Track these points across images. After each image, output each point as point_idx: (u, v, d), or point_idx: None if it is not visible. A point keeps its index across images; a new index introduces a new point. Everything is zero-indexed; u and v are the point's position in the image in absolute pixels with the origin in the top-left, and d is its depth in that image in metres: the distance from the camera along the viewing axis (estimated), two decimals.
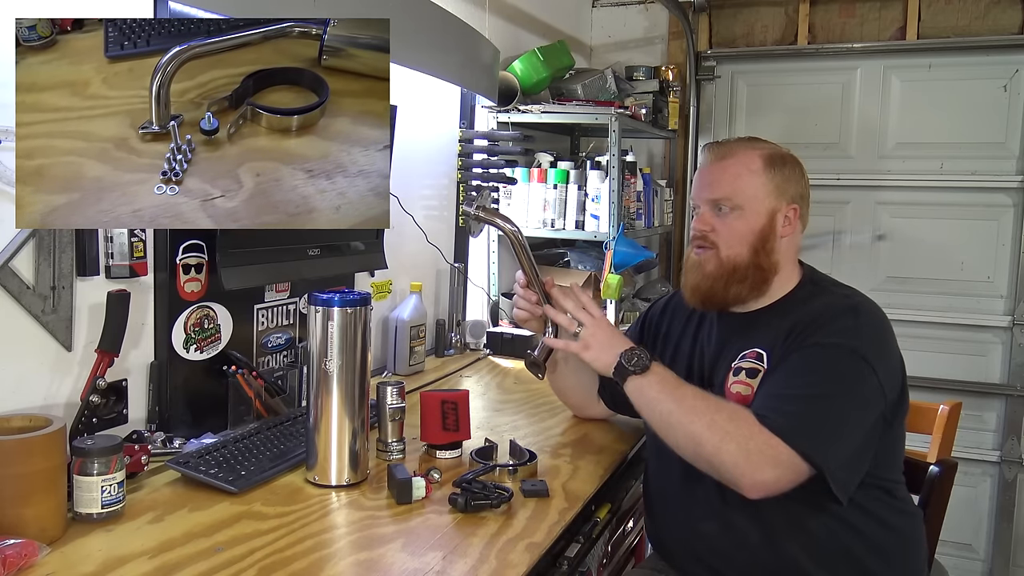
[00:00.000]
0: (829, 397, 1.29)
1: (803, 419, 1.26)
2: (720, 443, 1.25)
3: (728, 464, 1.25)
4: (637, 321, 1.73)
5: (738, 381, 1.40)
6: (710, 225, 1.44)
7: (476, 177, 2.55)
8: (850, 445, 1.28)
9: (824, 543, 1.34)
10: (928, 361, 3.10)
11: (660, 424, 1.34)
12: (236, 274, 1.57)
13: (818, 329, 1.34)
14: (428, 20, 2.07)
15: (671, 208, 3.41)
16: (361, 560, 1.11)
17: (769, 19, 3.33)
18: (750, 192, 1.42)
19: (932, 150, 3.15)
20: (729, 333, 1.47)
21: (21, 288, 1.29)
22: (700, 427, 1.28)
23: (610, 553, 1.61)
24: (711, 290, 1.44)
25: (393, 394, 1.51)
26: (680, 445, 1.32)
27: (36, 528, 1.08)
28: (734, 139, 1.51)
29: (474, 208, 1.53)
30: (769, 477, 1.24)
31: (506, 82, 2.62)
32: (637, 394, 1.37)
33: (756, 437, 1.25)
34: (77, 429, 1.33)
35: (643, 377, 1.37)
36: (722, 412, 1.29)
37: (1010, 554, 3.13)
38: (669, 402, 1.33)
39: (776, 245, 1.43)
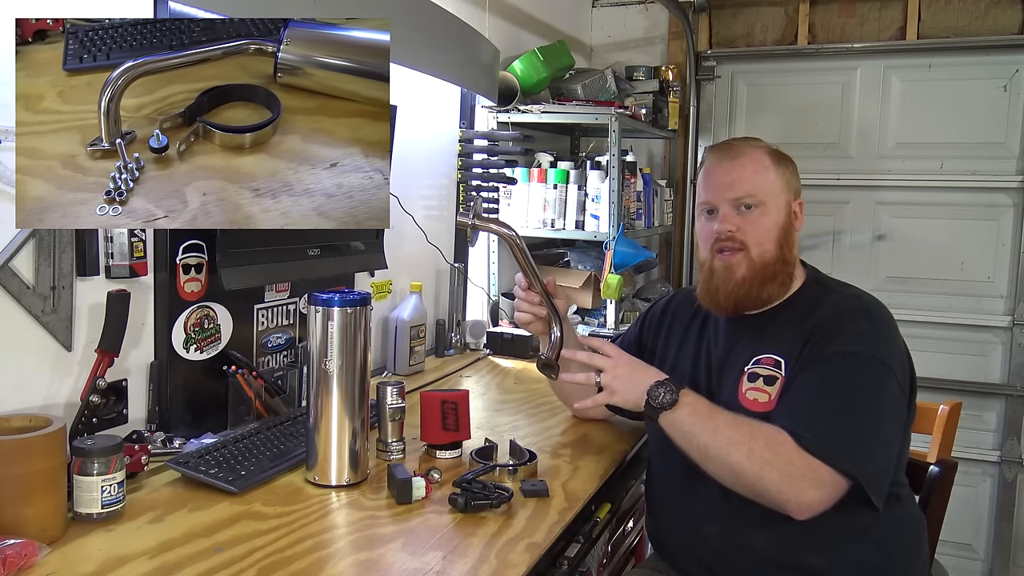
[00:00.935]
0: (859, 410, 1.29)
1: (839, 437, 1.27)
2: (761, 471, 1.25)
3: (772, 491, 1.25)
4: (637, 321, 1.73)
5: (754, 388, 1.39)
6: (735, 224, 1.42)
7: (476, 177, 2.55)
8: (883, 453, 1.30)
9: (827, 545, 1.34)
10: (928, 361, 3.10)
11: (698, 456, 1.32)
12: (236, 274, 1.57)
13: (835, 337, 1.34)
14: (428, 20, 2.07)
15: (671, 208, 3.41)
16: (361, 560, 1.11)
17: (769, 19, 3.33)
18: (769, 188, 1.42)
19: (932, 150, 3.15)
20: (738, 334, 1.46)
21: (21, 288, 1.29)
22: (739, 457, 1.27)
23: (610, 553, 1.61)
24: (747, 295, 1.42)
25: (393, 394, 1.51)
26: (720, 475, 1.31)
27: (36, 528, 1.08)
28: (737, 139, 1.51)
29: (471, 217, 1.54)
30: (814, 498, 1.24)
31: (506, 82, 2.62)
32: (672, 429, 1.34)
33: (796, 462, 1.25)
34: (77, 429, 1.33)
35: (674, 412, 1.33)
36: (758, 439, 1.28)
37: (1010, 554, 3.14)
38: (705, 435, 1.30)
39: (795, 239, 1.45)
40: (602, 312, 2.81)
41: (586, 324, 2.83)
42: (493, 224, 1.59)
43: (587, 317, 2.89)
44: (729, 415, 1.33)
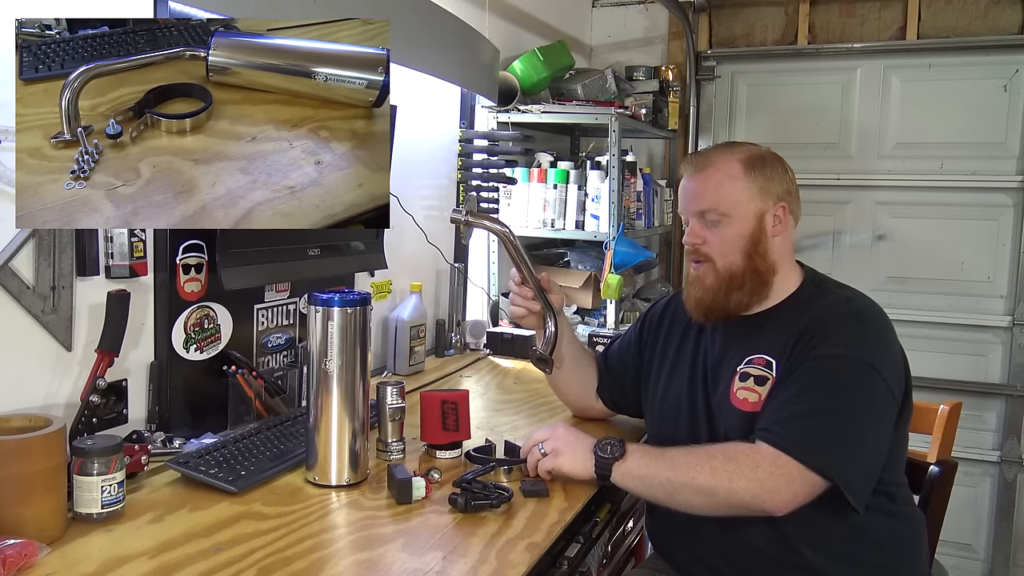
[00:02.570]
0: (836, 410, 1.29)
1: (811, 434, 1.27)
2: (730, 484, 1.25)
3: (747, 499, 1.25)
4: (637, 321, 1.73)
5: (745, 387, 1.39)
6: (701, 238, 1.44)
7: (476, 177, 2.55)
8: (863, 455, 1.29)
9: (827, 545, 1.34)
10: (928, 361, 3.10)
11: (665, 495, 1.31)
12: (236, 274, 1.57)
13: (823, 339, 1.34)
14: (428, 20, 2.07)
15: (671, 208, 3.41)
16: (361, 560, 1.11)
17: (769, 19, 3.33)
18: (734, 198, 1.41)
19: (932, 150, 3.15)
20: (732, 337, 1.47)
21: (21, 288, 1.29)
22: (704, 478, 1.26)
23: (610, 553, 1.61)
24: (713, 302, 1.44)
25: (393, 394, 1.51)
26: (694, 504, 1.29)
27: (36, 528, 1.08)
28: (712, 147, 1.51)
29: (464, 214, 1.54)
30: (787, 495, 1.25)
31: (506, 82, 2.62)
32: (629, 478, 1.33)
33: (761, 464, 1.25)
34: (77, 429, 1.33)
35: (626, 461, 1.33)
36: (715, 456, 1.28)
37: (1010, 554, 3.14)
38: (663, 470, 1.30)
39: (769, 246, 1.43)
40: (602, 312, 2.81)
41: (586, 324, 2.83)
42: (486, 220, 1.59)
43: (587, 317, 2.89)
44: (679, 448, 1.33)
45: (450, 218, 1.60)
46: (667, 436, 1.52)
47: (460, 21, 2.24)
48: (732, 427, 1.39)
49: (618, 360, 1.71)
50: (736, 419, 1.39)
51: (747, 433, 1.34)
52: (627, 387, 1.69)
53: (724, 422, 1.42)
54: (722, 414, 1.42)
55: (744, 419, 1.37)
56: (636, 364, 1.67)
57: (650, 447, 1.37)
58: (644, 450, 1.35)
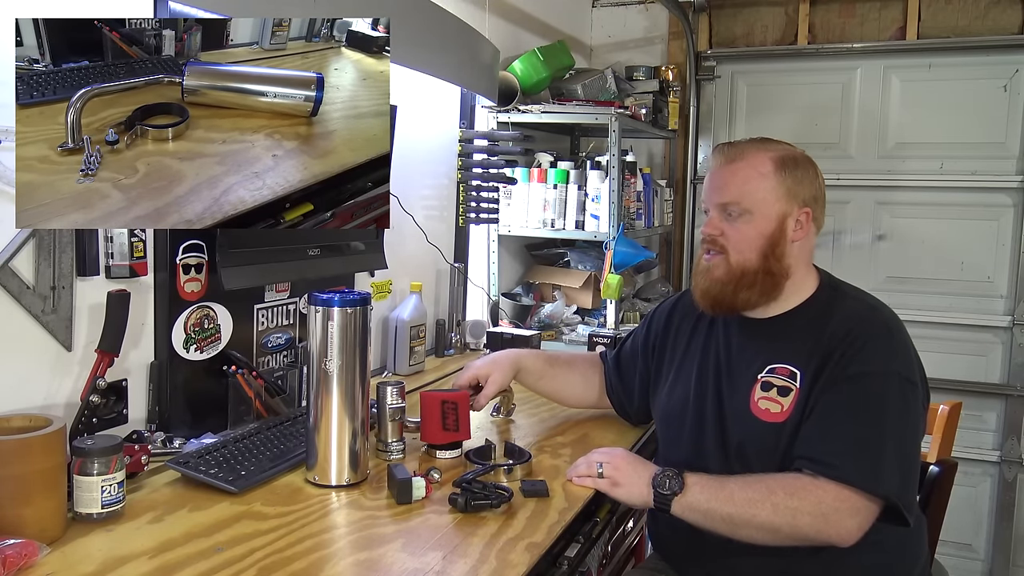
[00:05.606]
0: (889, 432, 1.29)
1: (870, 463, 1.27)
2: (794, 520, 1.25)
3: (811, 534, 1.26)
4: (643, 322, 1.72)
5: (767, 397, 1.38)
6: (719, 229, 1.42)
7: (476, 177, 2.55)
8: (913, 471, 1.31)
9: (828, 547, 1.34)
10: (928, 361, 3.03)
11: (727, 529, 1.30)
12: (236, 274, 1.57)
13: (856, 355, 1.33)
14: (428, 20, 2.07)
15: (671, 208, 3.41)
16: (361, 560, 1.11)
17: (769, 19, 3.33)
18: (759, 196, 1.39)
19: (932, 150, 3.15)
20: (748, 339, 1.45)
21: (21, 288, 1.29)
22: (766, 515, 1.26)
23: (610, 553, 1.61)
24: (720, 295, 1.42)
25: (393, 394, 1.51)
26: (756, 538, 1.29)
27: (36, 528, 1.08)
28: (746, 140, 1.47)
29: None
30: (852, 525, 1.25)
31: (506, 82, 2.62)
32: (690, 512, 1.32)
33: (824, 500, 1.25)
34: (77, 429, 1.33)
35: (686, 495, 1.32)
36: (776, 492, 1.27)
37: (1010, 554, 3.14)
38: (724, 506, 1.29)
39: (787, 250, 1.40)
40: (602, 312, 2.81)
41: (586, 324, 2.83)
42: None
43: (587, 317, 2.89)
44: (738, 478, 1.32)
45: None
46: (672, 437, 1.52)
47: (460, 21, 2.24)
48: (750, 436, 1.38)
49: (625, 370, 1.71)
50: (756, 428, 1.38)
51: (766, 443, 1.34)
52: (634, 397, 1.69)
53: (740, 429, 1.40)
54: (738, 421, 1.41)
55: (765, 430, 1.36)
56: (643, 374, 1.66)
57: (709, 478, 1.33)
58: (703, 484, 1.32)
